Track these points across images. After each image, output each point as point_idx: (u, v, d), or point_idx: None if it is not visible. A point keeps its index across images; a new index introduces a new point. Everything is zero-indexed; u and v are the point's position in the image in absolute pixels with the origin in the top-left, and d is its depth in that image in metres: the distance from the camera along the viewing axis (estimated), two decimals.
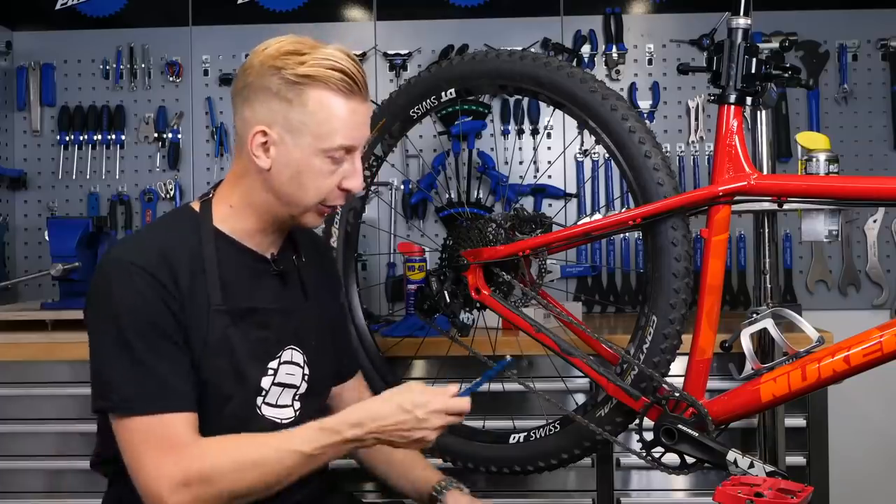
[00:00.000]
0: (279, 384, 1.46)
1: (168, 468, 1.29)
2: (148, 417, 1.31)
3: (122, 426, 1.33)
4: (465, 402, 1.40)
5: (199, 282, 1.37)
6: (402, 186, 2.85)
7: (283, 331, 1.48)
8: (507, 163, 2.79)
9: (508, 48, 1.76)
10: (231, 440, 1.36)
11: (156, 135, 2.90)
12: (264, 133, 1.37)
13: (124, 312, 1.32)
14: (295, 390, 1.49)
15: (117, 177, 2.90)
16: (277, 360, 1.46)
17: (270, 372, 1.45)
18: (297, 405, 1.49)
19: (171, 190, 2.88)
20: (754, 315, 1.61)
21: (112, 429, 1.36)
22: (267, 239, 1.48)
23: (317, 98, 1.35)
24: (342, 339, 1.69)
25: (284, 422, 1.46)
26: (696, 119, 2.82)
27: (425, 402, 1.37)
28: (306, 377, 1.50)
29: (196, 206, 1.46)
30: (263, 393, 1.44)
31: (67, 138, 2.89)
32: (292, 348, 1.49)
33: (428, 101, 1.82)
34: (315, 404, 1.52)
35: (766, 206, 1.69)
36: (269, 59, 1.36)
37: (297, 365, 1.49)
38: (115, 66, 2.90)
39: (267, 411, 1.44)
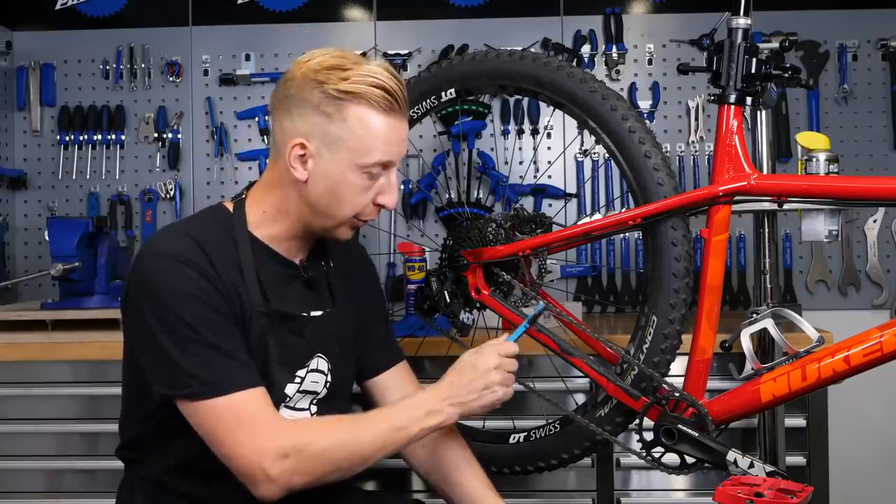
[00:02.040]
0: (304, 391, 1.47)
1: (264, 441, 1.31)
2: (233, 396, 1.32)
3: (203, 410, 1.33)
4: (512, 345, 1.48)
5: (238, 280, 1.39)
6: (402, 186, 2.84)
7: (314, 339, 1.48)
8: (507, 163, 2.79)
9: (508, 48, 1.76)
10: (316, 419, 1.43)
11: (156, 135, 2.90)
12: (303, 146, 1.38)
13: (180, 300, 1.33)
14: (314, 396, 1.50)
15: (117, 177, 2.90)
16: (306, 368, 1.47)
17: (297, 380, 1.46)
18: (314, 409, 1.50)
19: (171, 190, 2.88)
20: (754, 315, 1.61)
21: (142, 411, 1.40)
22: (296, 245, 1.49)
23: (357, 114, 1.36)
24: (376, 335, 1.65)
25: None
26: (696, 119, 2.82)
27: (484, 361, 1.44)
28: (328, 384, 1.51)
29: (229, 206, 1.47)
30: (287, 399, 1.45)
31: (67, 138, 2.89)
32: (319, 356, 1.50)
33: (428, 101, 1.82)
34: (334, 408, 1.51)
35: (766, 206, 1.69)
36: (311, 72, 1.37)
37: (322, 373, 1.50)
38: (115, 66, 2.90)
39: (286, 413, 1.45)
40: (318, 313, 1.50)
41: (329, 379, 1.51)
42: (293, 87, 1.39)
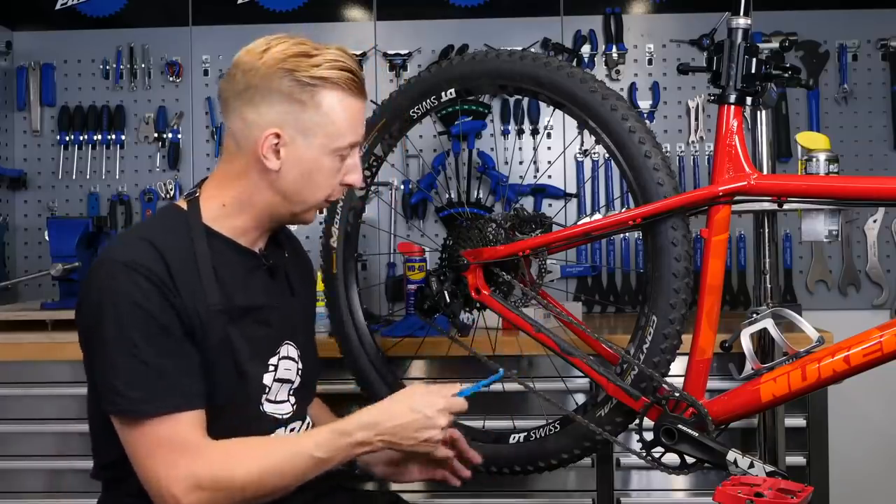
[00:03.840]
0: (279, 380, 1.47)
1: (182, 470, 1.29)
2: (157, 419, 1.30)
3: (130, 429, 1.31)
4: (463, 402, 1.46)
5: (194, 281, 1.36)
6: (402, 186, 2.85)
7: (280, 326, 1.49)
8: (507, 163, 2.79)
9: (508, 48, 1.76)
10: (242, 443, 1.36)
11: (156, 135, 2.90)
12: (277, 135, 1.37)
13: (126, 313, 1.30)
14: (291, 385, 1.50)
15: (117, 177, 2.90)
16: (277, 355, 1.47)
17: (272, 368, 1.46)
18: (293, 399, 1.50)
19: (171, 190, 2.88)
20: (754, 315, 1.61)
21: (115, 433, 1.35)
22: (257, 235, 1.49)
23: (331, 100, 1.38)
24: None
25: (284, 416, 1.47)
26: (696, 119, 2.82)
27: (432, 402, 1.42)
28: (300, 371, 1.52)
29: (183, 204, 1.45)
30: (267, 390, 1.44)
31: (67, 138, 2.89)
32: (288, 343, 1.50)
33: (428, 101, 1.81)
34: (308, 398, 1.54)
35: (766, 206, 1.69)
36: (277, 61, 1.36)
37: (293, 360, 1.51)
38: (115, 66, 2.90)
39: (268, 408, 1.45)
40: (283, 301, 1.51)
41: (300, 366, 1.52)
42: (256, 77, 1.37)
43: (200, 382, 1.35)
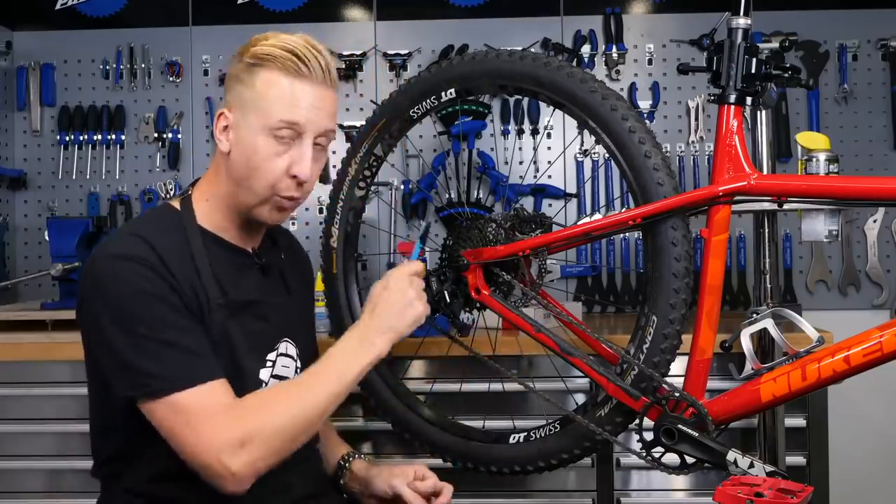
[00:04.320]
0: (276, 376, 1.47)
1: (218, 435, 1.28)
2: (189, 391, 1.30)
3: (162, 407, 1.30)
4: (417, 262, 1.53)
5: (192, 276, 1.37)
6: (402, 186, 2.85)
7: (279, 323, 1.49)
8: (507, 163, 2.79)
9: (508, 48, 1.76)
10: (271, 391, 1.39)
11: (156, 135, 2.90)
12: (224, 116, 1.42)
13: (133, 300, 1.31)
14: None
15: (117, 177, 2.90)
16: (275, 351, 1.48)
17: (269, 364, 1.46)
18: None
19: (171, 190, 2.88)
20: (754, 315, 1.61)
21: (115, 428, 1.37)
22: (244, 234, 1.50)
23: (264, 77, 1.39)
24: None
25: None
26: (696, 119, 2.82)
27: (400, 285, 1.46)
28: (298, 370, 1.52)
29: (176, 203, 1.47)
30: (263, 385, 1.45)
31: (67, 138, 2.89)
32: (287, 340, 1.51)
33: (428, 101, 1.81)
34: None
35: (766, 206, 1.69)
36: (239, 49, 1.42)
37: (292, 357, 1.51)
38: (115, 66, 2.90)
39: None
40: (275, 298, 1.51)
41: (298, 365, 1.52)
42: (230, 68, 1.45)
43: (214, 356, 1.36)
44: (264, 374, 1.45)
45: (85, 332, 1.39)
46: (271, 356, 1.47)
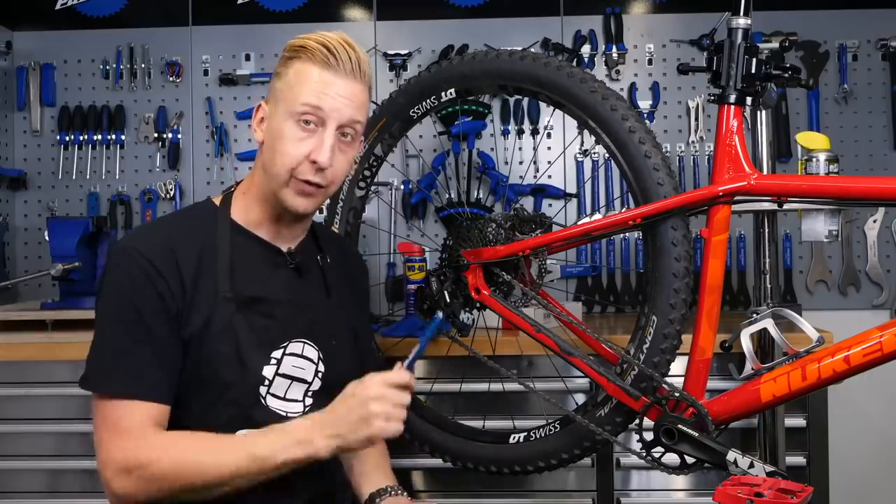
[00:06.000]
0: (284, 375, 1.46)
1: (115, 452, 1.34)
2: (112, 400, 1.36)
3: (94, 406, 1.39)
4: (404, 373, 1.40)
5: (208, 270, 1.41)
6: (402, 186, 2.85)
7: (291, 323, 1.49)
8: (507, 163, 2.79)
9: (508, 48, 1.76)
10: (186, 436, 1.38)
11: (156, 135, 2.90)
12: (261, 108, 1.48)
13: (112, 296, 1.39)
14: (306, 386, 1.49)
15: (117, 177, 2.90)
16: (282, 350, 1.47)
17: (273, 361, 1.46)
18: (310, 401, 1.49)
19: (171, 190, 2.88)
20: (754, 315, 1.61)
21: None
22: (280, 231, 1.51)
23: (297, 67, 1.44)
24: (365, 343, 1.73)
25: (291, 415, 1.46)
26: (696, 119, 2.82)
27: (363, 380, 1.39)
28: (320, 374, 1.51)
29: (217, 199, 1.53)
30: (267, 382, 1.44)
31: (67, 138, 2.89)
32: (303, 342, 1.50)
33: (428, 101, 1.81)
34: (329, 402, 1.49)
35: (766, 206, 1.69)
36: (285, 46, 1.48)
37: (309, 360, 1.50)
38: (115, 66, 2.90)
39: (272, 402, 1.45)
40: (304, 299, 1.51)
41: (321, 369, 1.51)
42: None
43: (168, 377, 1.38)
44: (268, 371, 1.45)
45: None
46: (276, 354, 1.46)
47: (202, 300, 1.40)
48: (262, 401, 1.44)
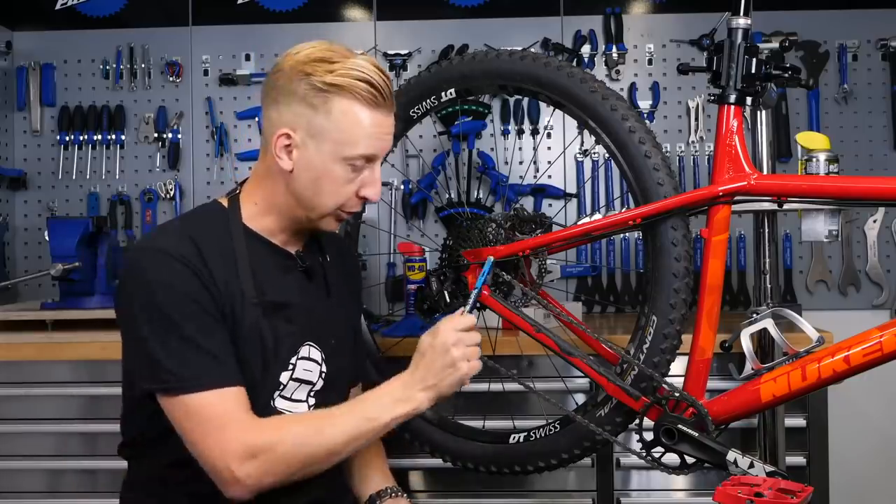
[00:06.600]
0: (296, 379, 1.48)
1: (231, 443, 1.32)
2: (205, 393, 1.33)
3: (178, 406, 1.34)
4: (468, 317, 1.44)
5: (231, 274, 1.40)
6: (402, 186, 2.85)
7: (305, 327, 1.49)
8: (507, 163, 2.79)
9: (508, 48, 1.76)
10: (288, 416, 1.41)
11: (156, 135, 2.90)
12: (288, 136, 1.40)
13: (164, 294, 1.34)
14: (311, 387, 1.50)
15: (117, 177, 2.90)
16: (297, 355, 1.48)
17: (290, 367, 1.47)
18: (312, 401, 1.50)
19: (171, 190, 2.88)
20: (754, 315, 1.61)
21: (140, 413, 1.42)
22: (290, 237, 1.51)
23: (341, 107, 1.38)
24: (359, 342, 1.73)
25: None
26: (696, 119, 2.82)
27: (435, 329, 1.42)
28: (323, 374, 1.52)
29: (224, 201, 1.50)
30: (281, 387, 1.46)
31: (67, 138, 2.89)
32: (310, 345, 1.50)
33: (428, 101, 1.81)
34: (330, 400, 1.51)
35: (766, 206, 1.69)
36: (299, 64, 1.39)
37: (315, 362, 1.51)
38: (115, 66, 2.90)
39: (280, 404, 1.46)
40: (312, 301, 1.52)
41: (324, 370, 1.52)
42: (281, 78, 1.40)
43: (236, 360, 1.38)
44: (284, 376, 1.46)
45: (119, 317, 1.42)
46: (293, 359, 1.47)
47: (230, 301, 1.39)
48: (272, 403, 1.45)
